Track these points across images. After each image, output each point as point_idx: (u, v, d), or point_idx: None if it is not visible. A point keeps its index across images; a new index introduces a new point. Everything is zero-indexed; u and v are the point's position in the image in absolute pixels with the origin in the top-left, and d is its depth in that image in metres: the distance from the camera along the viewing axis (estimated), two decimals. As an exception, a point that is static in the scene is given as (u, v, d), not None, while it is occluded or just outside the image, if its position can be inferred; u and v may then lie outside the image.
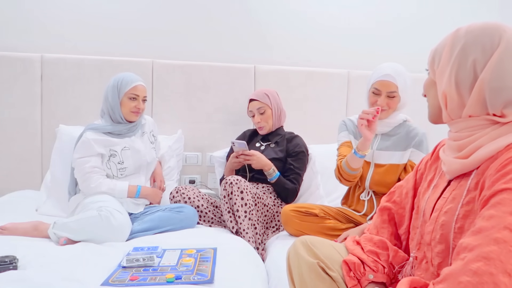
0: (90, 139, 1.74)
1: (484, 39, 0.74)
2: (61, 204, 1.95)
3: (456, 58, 0.76)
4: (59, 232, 1.51)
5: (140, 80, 1.85)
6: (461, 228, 0.73)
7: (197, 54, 2.44)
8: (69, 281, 1.10)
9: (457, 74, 0.76)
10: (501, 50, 0.72)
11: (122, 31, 2.36)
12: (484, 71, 0.73)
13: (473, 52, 0.74)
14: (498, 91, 0.72)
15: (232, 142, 1.96)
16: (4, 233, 1.51)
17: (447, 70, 0.78)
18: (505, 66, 0.72)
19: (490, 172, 0.70)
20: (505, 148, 0.71)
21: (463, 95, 0.76)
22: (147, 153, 1.91)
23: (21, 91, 2.20)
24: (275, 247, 1.63)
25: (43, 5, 2.27)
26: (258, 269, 1.38)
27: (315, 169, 2.15)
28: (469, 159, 0.75)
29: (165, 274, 1.19)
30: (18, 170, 2.21)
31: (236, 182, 1.73)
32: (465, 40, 0.76)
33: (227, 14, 2.47)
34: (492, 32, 0.74)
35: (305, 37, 2.57)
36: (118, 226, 1.54)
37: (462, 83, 0.76)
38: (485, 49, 0.73)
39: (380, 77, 1.57)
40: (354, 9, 2.60)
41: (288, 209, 1.69)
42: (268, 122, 2.10)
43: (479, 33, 0.75)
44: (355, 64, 2.60)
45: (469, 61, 0.75)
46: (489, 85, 0.72)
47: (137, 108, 1.82)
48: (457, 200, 0.76)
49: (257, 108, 2.08)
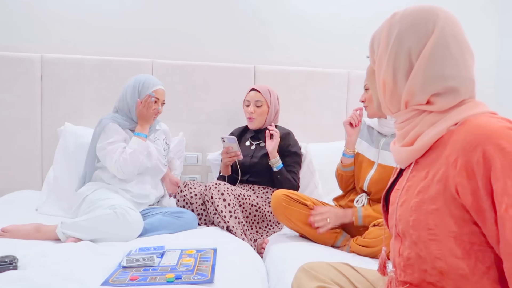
0: (116, 127, 1.78)
1: (418, 26, 0.72)
2: (62, 203, 1.95)
3: (393, 46, 0.74)
4: (68, 232, 1.50)
5: (161, 84, 1.88)
6: (415, 220, 0.70)
7: (197, 54, 2.45)
8: (69, 281, 1.10)
9: (394, 62, 0.74)
10: (435, 38, 0.71)
11: (122, 31, 2.36)
12: (419, 59, 0.71)
13: (408, 39, 0.73)
14: (432, 79, 0.71)
15: (222, 137, 1.96)
16: (5, 235, 1.49)
17: (385, 58, 0.76)
18: (439, 53, 0.70)
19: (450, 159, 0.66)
20: (447, 133, 0.68)
21: (399, 84, 0.75)
22: (157, 159, 1.91)
23: (21, 91, 2.20)
24: (274, 247, 1.63)
25: (43, 5, 2.27)
26: (258, 269, 1.38)
27: (312, 168, 2.16)
28: (414, 146, 0.73)
29: (165, 274, 1.19)
30: (18, 170, 2.21)
31: (216, 186, 1.78)
32: (400, 26, 0.74)
33: (227, 14, 2.47)
34: (426, 17, 0.72)
35: (305, 37, 2.57)
36: (134, 223, 1.56)
37: (398, 72, 0.74)
38: (420, 37, 0.72)
39: None
40: (354, 9, 2.60)
41: (280, 193, 1.68)
42: (260, 117, 2.09)
43: (414, 19, 0.73)
44: (355, 64, 2.59)
45: (405, 49, 0.73)
46: (424, 73, 0.71)
47: (156, 110, 1.85)
48: (411, 192, 0.73)
49: (255, 99, 2.08)
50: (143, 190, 1.84)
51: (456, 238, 0.66)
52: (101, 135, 1.78)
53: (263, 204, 1.95)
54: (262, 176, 2.05)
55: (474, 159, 0.61)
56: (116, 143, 1.76)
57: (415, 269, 0.72)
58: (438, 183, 0.67)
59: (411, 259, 0.72)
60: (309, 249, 1.55)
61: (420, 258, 0.71)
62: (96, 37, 2.34)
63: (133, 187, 1.81)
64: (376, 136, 1.67)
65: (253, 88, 2.11)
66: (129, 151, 1.74)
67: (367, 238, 1.49)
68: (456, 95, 0.71)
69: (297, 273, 1.00)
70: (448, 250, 0.66)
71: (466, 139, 0.63)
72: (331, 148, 2.34)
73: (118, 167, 1.73)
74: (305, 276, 0.95)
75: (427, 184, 0.69)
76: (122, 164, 1.73)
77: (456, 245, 0.66)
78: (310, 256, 1.34)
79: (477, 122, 0.64)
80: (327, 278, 0.92)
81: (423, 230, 0.69)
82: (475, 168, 0.61)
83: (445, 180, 0.66)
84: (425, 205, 0.68)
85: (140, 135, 1.80)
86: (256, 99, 2.08)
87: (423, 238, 0.69)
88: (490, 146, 0.59)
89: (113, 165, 1.74)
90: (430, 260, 0.69)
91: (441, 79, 0.71)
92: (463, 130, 0.65)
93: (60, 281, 1.08)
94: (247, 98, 2.11)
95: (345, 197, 1.76)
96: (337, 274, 0.95)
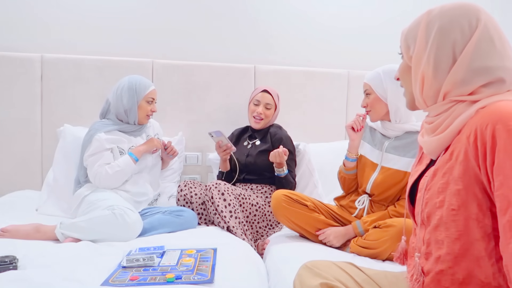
0: (103, 138, 1.77)
1: (461, 21, 0.74)
2: (61, 204, 1.95)
3: (434, 40, 0.76)
4: (67, 232, 1.51)
5: (152, 83, 1.92)
6: (441, 201, 0.73)
7: (197, 54, 2.45)
8: (69, 281, 1.10)
9: (436, 56, 0.76)
10: (480, 32, 0.73)
11: (122, 31, 2.36)
12: (464, 52, 0.73)
13: (451, 34, 0.75)
14: (478, 71, 0.73)
15: (209, 133, 1.96)
16: (5, 235, 1.49)
17: (424, 53, 0.78)
18: (484, 46, 0.73)
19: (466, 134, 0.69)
20: (476, 113, 0.71)
21: (439, 78, 0.76)
22: (151, 156, 1.92)
23: (21, 91, 2.20)
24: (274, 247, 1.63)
25: (43, 5, 2.27)
26: (258, 269, 1.38)
27: (311, 167, 2.15)
28: (444, 133, 0.75)
29: (165, 274, 1.19)
30: (18, 170, 2.21)
31: (216, 186, 1.79)
32: (441, 22, 0.76)
33: (227, 14, 2.47)
34: (469, 13, 0.75)
35: (305, 37, 2.57)
36: (132, 223, 1.56)
37: (440, 65, 0.76)
38: (464, 31, 0.74)
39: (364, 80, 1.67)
40: (354, 9, 2.60)
41: (280, 193, 1.69)
42: (267, 119, 2.11)
43: (455, 14, 0.75)
44: (355, 64, 2.60)
45: (447, 43, 0.75)
46: (469, 66, 0.73)
47: (152, 111, 1.89)
48: (438, 175, 0.76)
49: (266, 102, 2.09)
50: (142, 188, 1.85)
51: (478, 221, 0.69)
52: (87, 145, 1.80)
53: (263, 204, 1.95)
54: (258, 174, 2.05)
55: (486, 136, 0.65)
56: (98, 154, 1.77)
57: (431, 256, 0.75)
58: (461, 164, 0.70)
59: (430, 246, 0.76)
60: (310, 249, 1.54)
61: (437, 243, 0.74)
62: (96, 37, 2.34)
63: (132, 186, 1.82)
64: (380, 139, 1.67)
65: (265, 90, 2.10)
66: (117, 169, 1.74)
67: (367, 240, 1.49)
68: (502, 85, 0.73)
69: (300, 271, 0.99)
70: (468, 232, 0.69)
71: (482, 118, 0.68)
72: (331, 148, 2.34)
73: (97, 179, 1.75)
74: (307, 274, 0.95)
75: (452, 165, 0.72)
76: (102, 177, 1.73)
77: (477, 227, 0.69)
78: (311, 256, 1.33)
79: (497, 105, 0.68)
80: (330, 276, 0.92)
81: (446, 211, 0.72)
82: (487, 144, 0.65)
83: (467, 160, 0.69)
84: (450, 185, 0.72)
85: (133, 156, 1.79)
86: (267, 101, 2.09)
87: (445, 219, 0.72)
88: (500, 125, 0.64)
89: (91, 176, 1.76)
90: (447, 243, 0.72)
91: (488, 71, 0.73)
92: (482, 111, 0.69)
93: (60, 281, 1.08)
94: (257, 98, 2.10)
95: (346, 197, 1.76)
96: (341, 272, 0.94)
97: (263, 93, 2.10)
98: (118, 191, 1.78)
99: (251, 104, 2.13)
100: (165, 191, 2.10)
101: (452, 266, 0.71)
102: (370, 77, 1.62)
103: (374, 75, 1.61)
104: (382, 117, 1.63)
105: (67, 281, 1.09)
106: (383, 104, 1.60)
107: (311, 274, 0.94)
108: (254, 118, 2.10)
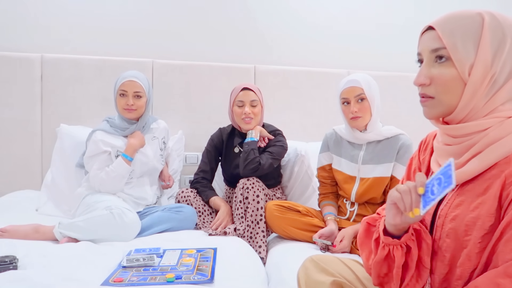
0: (98, 138, 1.77)
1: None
2: (61, 204, 1.95)
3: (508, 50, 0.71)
4: (66, 232, 1.51)
5: (134, 76, 1.80)
6: (469, 235, 0.70)
7: (197, 54, 2.44)
8: (69, 281, 1.10)
9: (504, 64, 0.71)
10: None
11: (122, 31, 2.36)
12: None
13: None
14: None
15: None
16: (4, 235, 1.49)
17: (494, 60, 0.71)
18: None
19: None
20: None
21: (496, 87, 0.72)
22: (155, 159, 1.90)
23: (21, 91, 2.20)
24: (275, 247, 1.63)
25: (43, 5, 2.27)
26: (258, 269, 1.38)
27: (311, 172, 2.08)
28: (484, 154, 0.69)
29: (165, 274, 1.19)
30: (18, 170, 2.21)
31: (253, 187, 1.72)
32: (504, 29, 0.72)
33: (227, 14, 2.47)
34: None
35: (305, 37, 2.57)
36: (131, 223, 1.56)
37: (501, 73, 0.71)
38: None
39: (344, 85, 1.62)
40: (354, 10, 2.61)
41: (271, 204, 1.69)
42: (256, 117, 1.94)
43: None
44: (355, 64, 2.60)
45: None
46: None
47: (127, 104, 1.79)
48: (465, 206, 0.72)
49: (251, 99, 1.91)
50: (142, 193, 1.85)
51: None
52: (87, 143, 1.81)
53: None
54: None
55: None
56: (94, 156, 1.77)
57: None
58: (495, 199, 0.68)
59: (447, 275, 0.75)
60: (310, 250, 1.55)
61: (452, 273, 0.74)
62: (96, 37, 2.34)
63: (132, 189, 1.82)
64: (350, 149, 1.66)
65: (246, 88, 1.93)
66: (112, 174, 1.73)
67: None
68: None
69: (305, 263, 0.98)
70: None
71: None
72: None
73: (96, 184, 1.74)
74: (313, 267, 0.94)
75: (485, 200, 0.69)
76: (102, 183, 1.73)
77: None
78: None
79: None
80: (335, 271, 0.91)
81: (473, 245, 0.69)
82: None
83: (500, 198, 0.67)
84: (480, 220, 0.69)
85: (126, 157, 1.77)
86: (252, 98, 1.91)
87: (471, 252, 0.70)
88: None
89: (91, 180, 1.76)
90: (462, 274, 0.71)
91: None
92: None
93: (60, 281, 1.09)
94: (240, 99, 1.92)
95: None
96: (345, 268, 0.94)
97: (244, 92, 1.92)
98: (118, 193, 1.78)
99: (234, 107, 1.94)
100: (165, 191, 2.10)
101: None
102: (362, 82, 1.57)
103: (364, 80, 1.57)
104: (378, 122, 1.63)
105: (67, 281, 1.10)
106: (370, 111, 1.58)
107: (317, 268, 0.93)
108: (243, 120, 1.92)
